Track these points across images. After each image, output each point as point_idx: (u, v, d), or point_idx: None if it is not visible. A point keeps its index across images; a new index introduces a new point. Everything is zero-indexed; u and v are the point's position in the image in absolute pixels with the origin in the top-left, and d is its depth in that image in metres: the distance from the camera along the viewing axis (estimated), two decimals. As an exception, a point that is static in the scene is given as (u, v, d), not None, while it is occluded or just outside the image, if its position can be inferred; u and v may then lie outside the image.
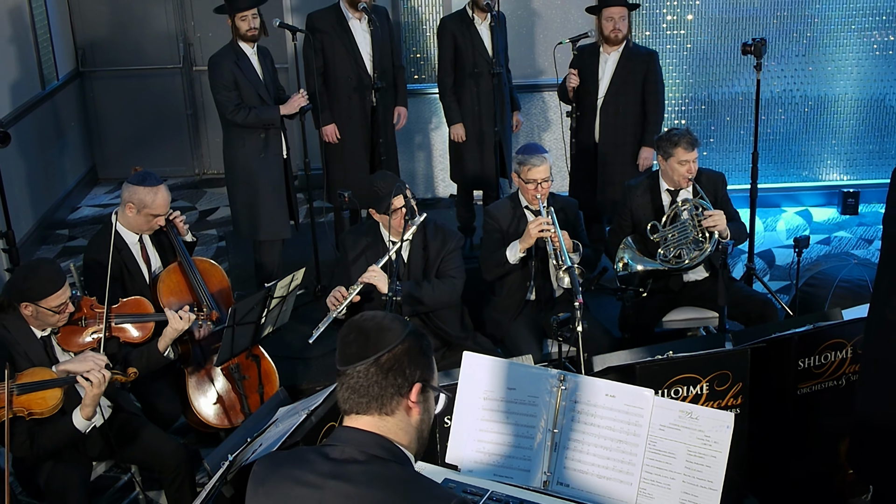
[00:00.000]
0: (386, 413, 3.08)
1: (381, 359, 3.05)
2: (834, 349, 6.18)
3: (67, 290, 5.74)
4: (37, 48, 11.05)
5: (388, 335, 3.07)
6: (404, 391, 3.08)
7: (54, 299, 5.65)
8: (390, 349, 3.06)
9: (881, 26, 10.98)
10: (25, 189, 10.49)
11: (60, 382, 5.36)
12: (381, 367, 3.05)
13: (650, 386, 4.75)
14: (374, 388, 3.05)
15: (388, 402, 3.07)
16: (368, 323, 3.12)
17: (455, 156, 9.61)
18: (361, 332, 3.09)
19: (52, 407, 5.30)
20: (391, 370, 3.06)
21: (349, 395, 3.09)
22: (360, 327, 3.11)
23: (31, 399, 5.22)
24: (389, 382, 3.05)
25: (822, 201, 11.48)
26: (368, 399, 3.06)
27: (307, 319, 7.10)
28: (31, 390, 5.23)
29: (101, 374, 5.37)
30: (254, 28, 8.37)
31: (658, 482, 4.51)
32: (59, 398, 5.33)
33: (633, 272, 7.32)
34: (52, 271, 5.71)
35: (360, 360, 3.05)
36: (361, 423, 3.09)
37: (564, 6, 10.88)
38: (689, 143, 7.19)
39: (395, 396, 3.07)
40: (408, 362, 3.09)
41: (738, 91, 11.11)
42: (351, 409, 3.10)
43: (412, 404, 3.11)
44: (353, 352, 3.07)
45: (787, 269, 9.66)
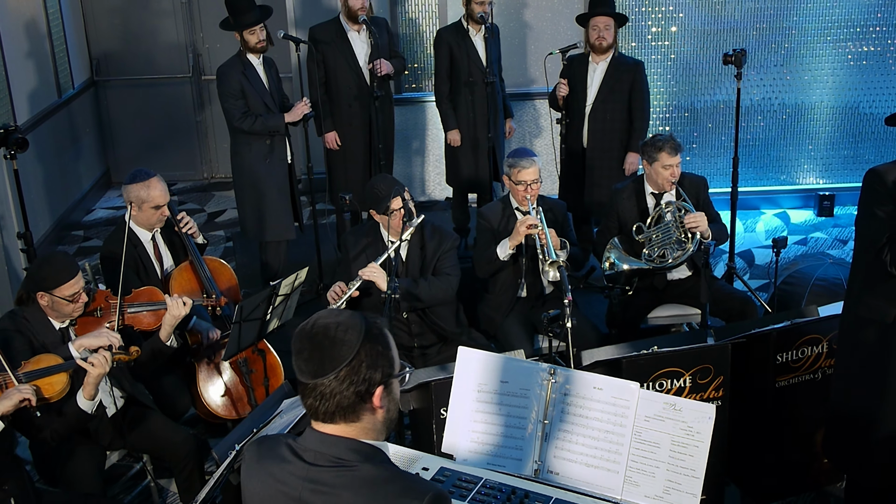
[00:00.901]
0: (352, 420, 3.02)
1: (339, 374, 2.96)
2: (810, 344, 6.18)
3: (81, 280, 5.73)
4: (53, 58, 11.04)
5: (342, 349, 2.97)
6: (367, 398, 3.01)
7: (68, 288, 5.64)
8: (348, 363, 2.96)
9: (855, 38, 10.99)
10: (42, 192, 10.48)
11: (65, 367, 5.31)
12: (340, 382, 2.96)
13: (636, 379, 4.74)
14: (337, 399, 2.98)
15: (353, 411, 3.00)
16: (320, 336, 3.01)
17: (451, 160, 9.62)
18: (316, 348, 2.99)
19: (60, 391, 5.25)
20: (352, 382, 2.97)
21: (312, 404, 3.01)
22: (313, 340, 3.01)
23: (39, 385, 5.20)
24: (352, 392, 2.98)
25: (799, 204, 11.48)
26: (335, 411, 2.99)
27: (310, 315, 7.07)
28: (37, 377, 5.20)
29: (103, 356, 5.33)
30: (262, 41, 8.40)
31: (643, 470, 4.50)
32: (66, 382, 5.27)
33: (619, 271, 7.32)
34: (65, 261, 5.72)
35: (319, 377, 2.97)
36: (329, 429, 3.05)
37: (554, 19, 10.88)
38: (672, 149, 7.20)
39: (358, 404, 3.00)
40: (366, 369, 2.99)
41: (720, 99, 11.11)
42: (318, 418, 3.04)
43: (376, 406, 3.04)
44: (310, 369, 2.98)
45: (766, 269, 9.67)
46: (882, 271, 5.08)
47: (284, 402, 5.54)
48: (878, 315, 5.20)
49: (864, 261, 5.24)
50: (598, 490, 4.50)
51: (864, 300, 5.25)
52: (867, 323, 5.25)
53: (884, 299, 5.17)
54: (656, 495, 4.45)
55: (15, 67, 9.78)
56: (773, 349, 6.10)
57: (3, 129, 7.42)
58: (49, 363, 5.31)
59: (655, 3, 10.85)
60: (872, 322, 5.23)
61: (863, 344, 5.30)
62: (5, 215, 8.59)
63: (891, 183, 5.09)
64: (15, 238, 8.30)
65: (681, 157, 7.26)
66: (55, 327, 5.80)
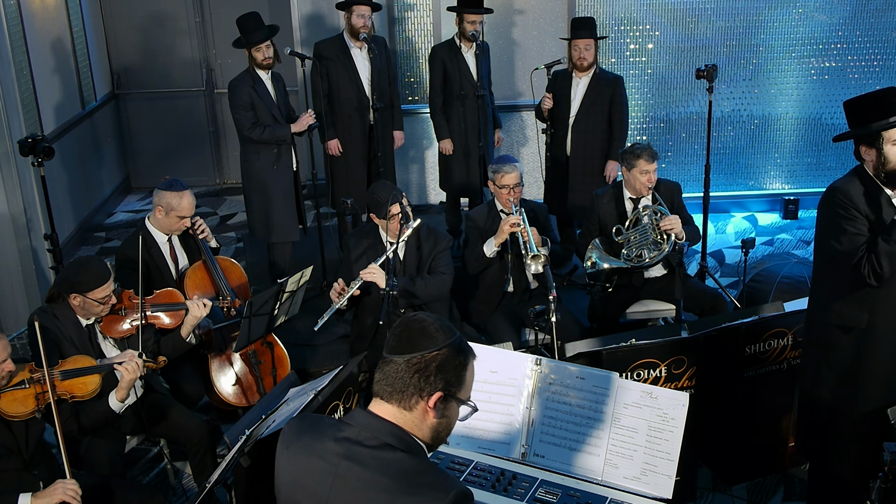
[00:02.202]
0: (404, 407, 3.02)
1: (412, 360, 2.99)
2: (777, 337, 6.19)
3: (112, 285, 5.78)
4: (77, 73, 11.03)
5: (426, 341, 3.01)
6: (424, 395, 3.01)
7: (100, 291, 5.71)
8: (423, 354, 3.00)
9: (818, 54, 11.00)
10: (67, 196, 10.47)
11: (99, 369, 5.37)
12: (410, 367, 2.99)
13: (615, 369, 4.74)
14: (400, 383, 3.00)
15: (408, 398, 3.01)
16: (416, 324, 3.06)
17: (444, 167, 9.61)
18: (406, 330, 3.04)
19: (92, 391, 5.31)
20: (418, 372, 2.99)
21: (379, 380, 3.05)
22: (408, 325, 3.06)
23: (74, 384, 5.23)
24: (412, 382, 3.00)
25: (766, 207, 11.49)
26: (393, 391, 3.01)
27: (315, 311, 7.09)
28: (73, 376, 5.24)
29: (136, 363, 5.41)
30: (268, 57, 8.40)
31: (622, 453, 4.50)
32: (98, 383, 5.34)
33: (600, 270, 7.33)
34: (100, 267, 5.76)
35: (396, 354, 3.01)
36: (382, 409, 3.05)
37: (540, 37, 10.88)
38: (649, 157, 7.20)
39: (414, 395, 3.01)
40: (436, 370, 3.01)
41: (693, 111, 11.11)
42: (378, 393, 3.06)
43: (429, 409, 3.03)
44: (393, 345, 3.03)
45: (736, 267, 9.67)
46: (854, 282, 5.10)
47: (291, 390, 5.54)
48: (853, 322, 5.21)
49: (830, 273, 5.25)
50: (580, 472, 4.51)
51: (836, 309, 5.26)
52: (841, 330, 5.27)
53: (857, 307, 5.18)
54: (634, 476, 4.46)
55: (42, 81, 9.77)
56: (742, 342, 6.11)
57: (30, 138, 7.43)
58: (84, 364, 5.35)
59: (634, 22, 10.86)
60: (847, 329, 5.24)
61: (837, 349, 5.30)
62: (33, 218, 8.59)
63: (857, 199, 5.10)
64: (42, 239, 8.30)
65: (657, 164, 7.27)
66: (82, 324, 5.84)
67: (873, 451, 5.35)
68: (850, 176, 5.23)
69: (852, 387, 5.31)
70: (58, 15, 10.57)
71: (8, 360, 4.93)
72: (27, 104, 9.11)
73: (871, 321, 5.19)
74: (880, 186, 5.15)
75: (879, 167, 5.12)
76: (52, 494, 4.86)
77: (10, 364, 4.95)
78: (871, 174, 5.17)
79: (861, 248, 5.00)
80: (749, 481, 6.43)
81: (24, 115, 8.81)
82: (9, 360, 4.94)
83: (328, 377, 5.49)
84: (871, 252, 4.97)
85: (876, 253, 4.96)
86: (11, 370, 4.97)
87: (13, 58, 8.68)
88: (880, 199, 5.13)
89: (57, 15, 10.54)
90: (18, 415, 4.98)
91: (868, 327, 5.20)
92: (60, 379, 5.19)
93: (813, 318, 5.50)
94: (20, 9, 9.24)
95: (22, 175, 8.40)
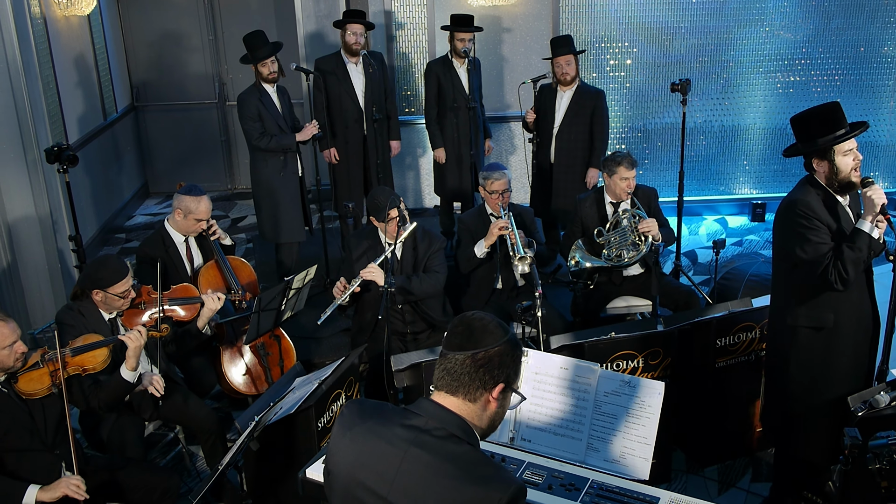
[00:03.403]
0: (470, 400, 3.03)
1: (477, 355, 3.00)
2: (745, 331, 6.19)
3: (130, 280, 5.81)
4: (100, 87, 11.02)
5: (488, 337, 3.02)
6: (489, 387, 3.03)
7: (120, 286, 5.74)
8: (487, 349, 3.01)
9: (783, 69, 11.01)
10: (90, 200, 10.45)
11: (106, 342, 5.37)
12: (476, 362, 3.00)
13: (596, 360, 4.75)
14: (466, 377, 3.01)
15: (474, 391, 3.02)
16: (477, 322, 3.07)
17: (438, 174, 9.61)
18: (468, 328, 3.05)
19: (102, 361, 5.31)
20: (483, 367, 3.00)
21: (443, 376, 3.05)
22: (469, 324, 3.07)
23: (84, 358, 5.24)
24: (479, 376, 3.01)
25: (736, 211, 11.49)
26: (459, 384, 3.02)
27: (319, 306, 7.09)
28: (82, 351, 5.25)
29: (138, 331, 5.42)
30: (273, 72, 8.42)
31: (603, 438, 4.50)
32: (107, 354, 5.35)
33: (582, 268, 7.33)
34: (118, 264, 5.79)
35: (460, 350, 3.02)
36: (448, 402, 3.05)
37: (527, 53, 10.88)
38: (629, 164, 7.21)
39: (479, 389, 3.02)
40: (498, 363, 3.03)
41: (668, 121, 11.12)
42: (442, 387, 3.06)
43: (493, 399, 3.05)
44: (456, 342, 3.03)
45: (708, 266, 9.67)
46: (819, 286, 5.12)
47: (297, 379, 5.54)
48: (821, 322, 5.23)
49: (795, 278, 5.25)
50: (564, 455, 4.50)
51: (804, 312, 5.27)
52: (812, 330, 5.28)
53: (823, 308, 5.21)
54: (614, 459, 4.46)
55: (67, 94, 9.76)
56: (713, 335, 6.12)
57: (56, 147, 7.42)
58: (92, 340, 5.36)
59: (613, 40, 10.86)
60: (817, 329, 5.26)
61: (807, 347, 5.31)
62: (59, 221, 8.58)
63: (818, 209, 5.11)
64: (67, 240, 8.29)
65: (636, 171, 7.27)
66: (105, 318, 5.86)
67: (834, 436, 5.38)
68: (805, 187, 5.23)
69: (820, 380, 5.33)
70: (81, 33, 10.56)
71: (19, 340, 4.94)
72: (53, 115, 9.10)
73: (836, 320, 5.22)
74: (833, 195, 5.17)
75: (833, 177, 5.13)
76: (56, 488, 4.87)
77: (21, 345, 4.96)
78: (824, 184, 5.18)
79: (826, 256, 5.01)
80: (720, 463, 6.43)
81: (50, 126, 8.80)
82: (20, 342, 4.95)
83: (331, 367, 5.50)
84: (838, 259, 4.98)
85: (842, 260, 4.97)
86: (24, 351, 4.98)
87: (40, 72, 8.67)
88: (836, 208, 5.16)
89: (81, 33, 10.53)
90: (35, 392, 5.01)
91: (834, 326, 5.22)
92: (71, 355, 5.21)
93: (778, 320, 5.50)
94: (47, 27, 9.24)
95: (48, 181, 8.38)
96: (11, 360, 4.90)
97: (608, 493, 4.20)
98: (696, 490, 6.17)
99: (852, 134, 5.08)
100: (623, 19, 10.80)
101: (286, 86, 8.83)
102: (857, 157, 5.13)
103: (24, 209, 8.29)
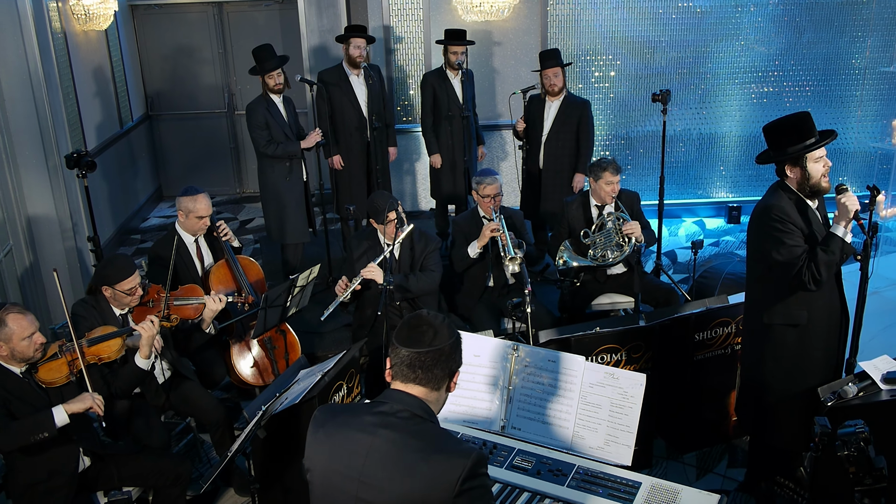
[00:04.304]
0: (434, 388, 3.14)
1: (444, 349, 3.11)
2: (722, 326, 6.19)
3: (137, 278, 5.79)
4: (116, 97, 11.01)
5: (447, 332, 3.14)
6: (451, 375, 3.18)
7: (127, 283, 5.73)
8: (450, 343, 3.13)
9: (757, 80, 11.02)
10: (107, 203, 10.45)
11: (120, 333, 5.41)
12: (444, 355, 3.12)
13: (582, 353, 4.74)
14: (437, 370, 3.11)
15: (441, 381, 3.14)
16: (436, 321, 3.16)
17: (434, 178, 9.60)
18: (432, 326, 3.13)
19: (117, 350, 5.35)
20: (449, 358, 3.13)
21: (406, 369, 3.12)
22: (431, 323, 3.15)
23: (100, 348, 5.27)
24: (446, 367, 3.13)
25: (713, 213, 11.50)
26: (430, 377, 3.11)
27: (322, 303, 7.08)
28: (98, 342, 5.27)
29: (150, 321, 5.46)
30: (279, 83, 8.42)
31: (588, 426, 4.50)
32: (122, 344, 5.39)
33: (569, 267, 7.33)
34: (125, 262, 5.79)
35: (429, 347, 3.10)
36: (414, 390, 3.13)
37: (517, 66, 10.88)
38: (614, 170, 7.21)
39: (445, 378, 3.15)
40: (457, 354, 3.18)
41: (650, 130, 11.12)
42: (411, 380, 3.13)
43: (452, 385, 3.21)
44: (426, 339, 3.11)
45: (687, 265, 9.68)
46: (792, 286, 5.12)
47: (301, 371, 5.54)
48: (795, 319, 5.24)
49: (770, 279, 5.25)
50: (552, 442, 4.50)
51: (780, 310, 5.27)
52: (787, 327, 5.29)
53: (797, 307, 5.21)
54: (598, 446, 4.46)
55: (85, 104, 9.76)
56: (691, 329, 6.12)
57: (75, 153, 7.41)
58: (107, 331, 5.39)
59: (598, 53, 10.86)
60: (792, 326, 5.26)
61: (783, 343, 5.32)
62: (78, 223, 8.58)
63: (792, 213, 5.11)
64: (85, 241, 8.29)
65: (619, 176, 7.27)
66: (116, 314, 5.85)
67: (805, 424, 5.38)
68: (777, 192, 5.23)
69: (793, 373, 5.34)
70: (99, 46, 10.56)
71: (38, 332, 4.98)
72: (73, 123, 9.10)
73: (809, 317, 5.22)
74: (804, 200, 5.18)
75: (804, 183, 5.13)
76: (82, 401, 4.96)
77: (40, 336, 5.00)
78: (796, 189, 5.18)
79: (800, 258, 5.02)
80: (698, 450, 6.43)
81: (69, 133, 8.80)
82: (38, 333, 4.99)
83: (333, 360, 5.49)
84: (812, 261, 4.99)
85: (816, 262, 4.98)
86: (43, 342, 5.02)
87: (61, 83, 8.68)
88: (807, 212, 5.16)
89: (98, 46, 10.53)
90: (54, 381, 5.04)
91: (807, 322, 5.23)
92: (87, 346, 5.23)
93: (753, 318, 5.51)
94: (67, 41, 9.25)
95: (68, 185, 8.39)
96: (31, 351, 4.95)
97: (593, 477, 4.20)
98: (675, 475, 6.17)
99: (822, 143, 5.08)
100: (607, 34, 10.80)
101: (291, 96, 8.82)
102: (826, 164, 5.14)
103: (45, 211, 8.29)
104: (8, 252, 7.68)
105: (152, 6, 12.09)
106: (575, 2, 10.69)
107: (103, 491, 5.34)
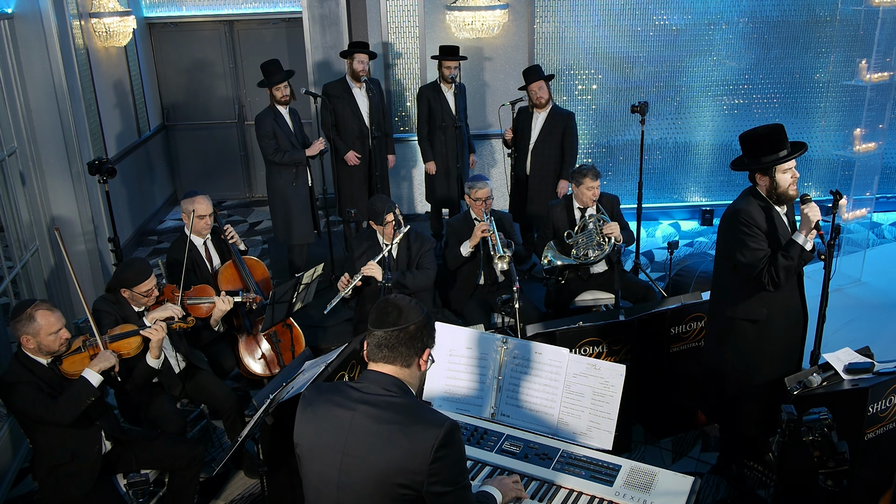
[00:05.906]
0: (405, 366, 3.17)
1: (409, 328, 3.14)
2: (696, 320, 6.19)
3: (153, 280, 5.76)
4: (135, 108, 11.00)
5: (413, 313, 3.17)
6: (419, 353, 3.19)
7: (144, 286, 5.70)
8: (416, 322, 3.16)
9: (729, 93, 11.02)
10: (126, 207, 10.43)
11: (138, 332, 5.42)
12: (409, 334, 3.15)
13: (566, 346, 4.74)
14: (403, 347, 3.15)
15: (409, 358, 3.17)
16: (402, 302, 3.20)
17: (429, 184, 9.60)
18: (397, 308, 3.17)
19: (136, 347, 5.37)
20: (415, 337, 3.16)
21: (377, 350, 3.18)
22: (396, 305, 3.19)
23: (120, 344, 5.28)
24: (413, 345, 3.16)
25: (688, 216, 11.50)
26: (396, 354, 3.16)
27: (325, 299, 7.07)
28: (119, 338, 5.29)
29: (159, 326, 5.47)
30: (286, 95, 8.42)
31: (572, 413, 4.50)
32: (140, 342, 5.39)
33: (554, 266, 7.33)
34: (142, 266, 5.75)
35: (394, 327, 3.14)
36: (386, 369, 3.18)
37: (506, 80, 10.87)
38: (594, 175, 7.21)
39: (413, 356, 3.17)
40: (424, 333, 3.20)
41: (629, 139, 11.12)
42: (379, 359, 3.19)
43: (422, 363, 3.23)
44: (390, 320, 3.15)
45: (663, 264, 9.68)
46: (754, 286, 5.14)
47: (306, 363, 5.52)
48: (756, 316, 5.25)
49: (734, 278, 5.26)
50: (538, 428, 4.50)
51: (742, 307, 5.28)
52: (747, 322, 5.30)
53: (758, 304, 5.22)
54: (581, 432, 4.45)
55: (106, 115, 9.75)
56: (668, 324, 6.12)
57: (97, 161, 7.40)
58: (127, 329, 5.39)
59: (581, 67, 10.86)
60: (753, 321, 5.27)
61: (743, 336, 5.33)
62: (99, 225, 8.56)
63: (759, 217, 5.11)
64: (106, 242, 8.30)
65: (600, 181, 7.27)
66: (135, 311, 5.82)
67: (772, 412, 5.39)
68: (747, 197, 5.23)
69: (754, 364, 5.35)
70: (119, 61, 10.54)
71: (64, 328, 5.00)
72: (94, 133, 9.09)
73: (769, 314, 5.24)
74: (773, 206, 5.18)
75: (773, 190, 5.14)
76: (106, 359, 5.05)
77: (66, 332, 5.03)
78: (765, 195, 5.18)
79: (762, 261, 5.04)
80: (673, 436, 6.43)
81: (91, 142, 8.79)
82: (64, 329, 5.01)
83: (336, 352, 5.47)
84: (772, 265, 5.00)
85: (775, 266, 4.99)
86: (68, 337, 5.04)
87: (83, 96, 8.66)
88: (773, 217, 5.16)
89: (118, 61, 10.52)
90: (77, 373, 5.04)
91: (767, 319, 5.24)
92: (109, 342, 5.23)
93: (717, 313, 5.52)
94: (89, 57, 9.25)
95: (90, 190, 8.37)
96: (57, 345, 4.97)
97: (576, 460, 4.20)
98: (653, 459, 6.17)
99: (794, 155, 5.08)
100: (590, 50, 10.80)
101: (297, 108, 8.82)
102: (794, 175, 5.14)
103: (69, 214, 8.27)
104: (34, 252, 7.67)
105: (168, 24, 12.08)
106: (560, 20, 10.69)
107: (122, 473, 5.33)
